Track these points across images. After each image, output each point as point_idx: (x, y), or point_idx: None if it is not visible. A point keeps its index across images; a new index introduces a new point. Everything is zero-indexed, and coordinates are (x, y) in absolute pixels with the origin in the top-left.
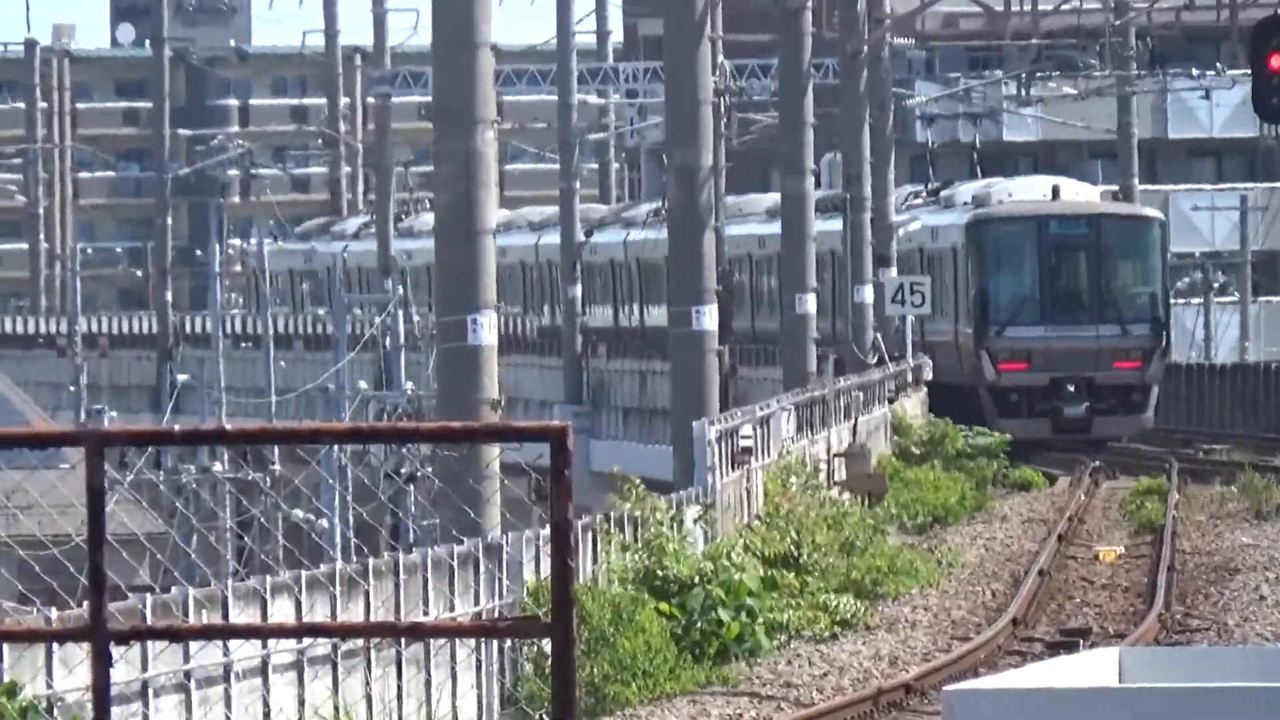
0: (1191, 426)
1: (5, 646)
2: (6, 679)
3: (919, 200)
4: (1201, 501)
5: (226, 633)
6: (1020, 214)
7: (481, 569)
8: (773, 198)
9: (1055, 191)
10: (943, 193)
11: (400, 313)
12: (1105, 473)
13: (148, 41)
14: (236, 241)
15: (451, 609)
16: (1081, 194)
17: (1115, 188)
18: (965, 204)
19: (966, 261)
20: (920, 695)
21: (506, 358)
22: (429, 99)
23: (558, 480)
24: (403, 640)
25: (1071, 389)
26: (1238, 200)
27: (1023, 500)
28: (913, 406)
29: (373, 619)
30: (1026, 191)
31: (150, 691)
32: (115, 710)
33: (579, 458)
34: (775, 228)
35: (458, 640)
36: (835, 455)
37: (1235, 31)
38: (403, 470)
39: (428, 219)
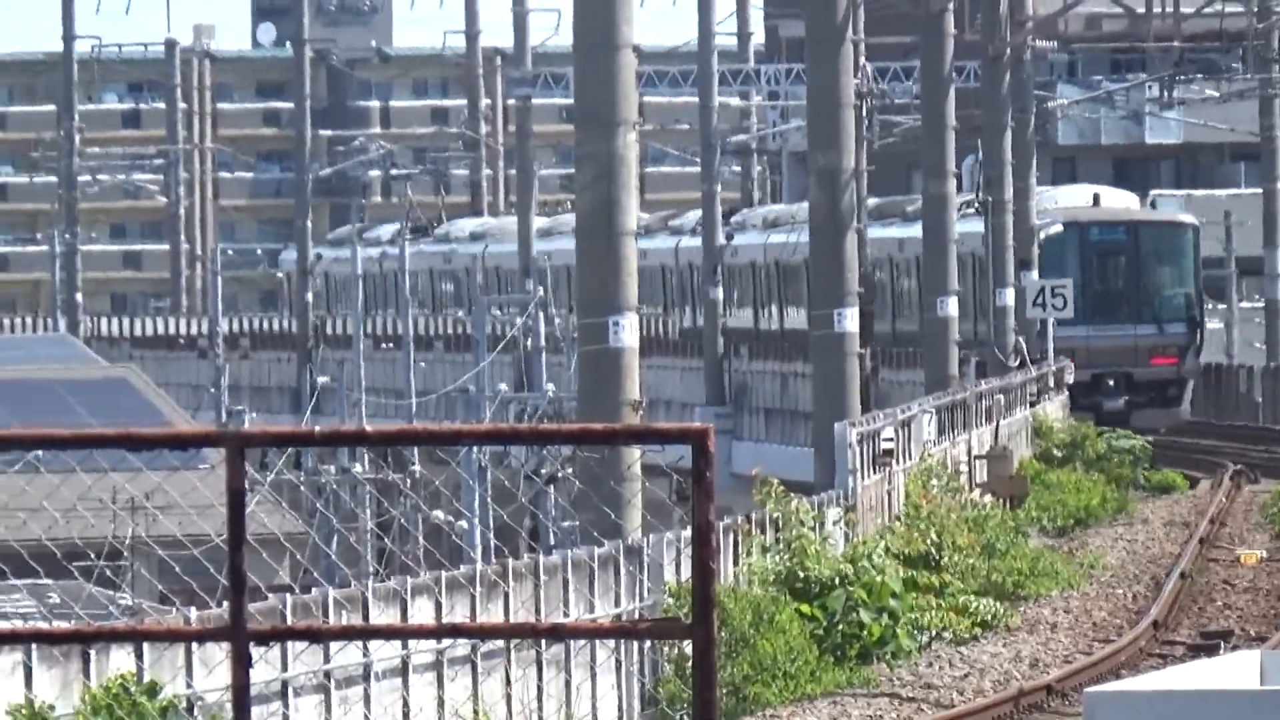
0: None
1: (146, 646)
2: (147, 679)
3: (971, 210)
4: None
5: (366, 633)
6: (1064, 221)
7: (622, 571)
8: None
9: (1096, 199)
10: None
11: (541, 314)
12: (1246, 476)
13: (288, 42)
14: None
15: (592, 610)
16: (1120, 201)
17: (1161, 193)
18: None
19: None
20: (1061, 697)
21: (648, 359)
22: (570, 101)
23: (699, 482)
24: (543, 641)
25: (1111, 384)
26: None
27: (1164, 503)
28: (1054, 409)
29: (512, 620)
30: (1070, 199)
31: (290, 692)
32: (255, 710)
33: (720, 459)
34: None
35: (598, 641)
36: (976, 458)
37: None
38: (543, 472)
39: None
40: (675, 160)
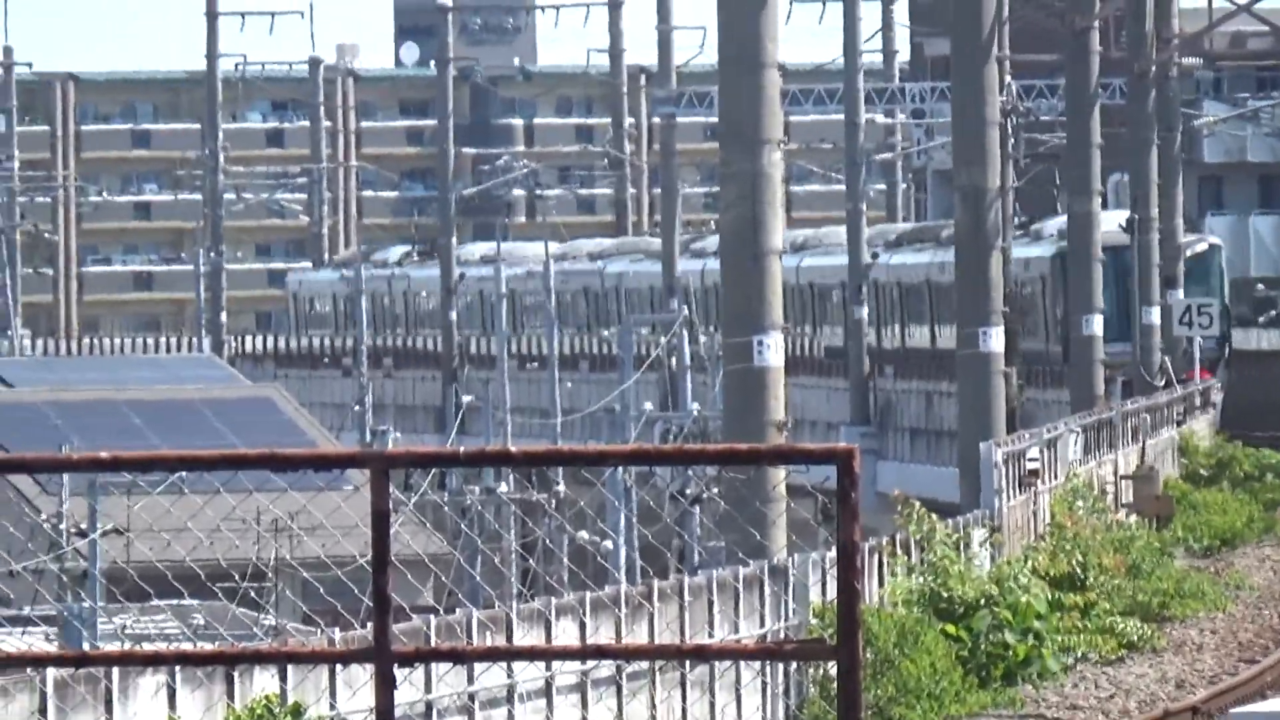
0: None
1: (290, 668)
2: (291, 700)
3: (1017, 234)
4: None
5: (511, 654)
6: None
7: (767, 591)
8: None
9: (1124, 226)
10: (1032, 226)
11: (686, 333)
12: None
13: (432, 61)
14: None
15: (736, 631)
16: None
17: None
18: (1051, 236)
19: (1054, 288)
20: (1207, 718)
21: (793, 378)
22: (715, 119)
23: (844, 502)
24: (687, 662)
25: None
26: None
27: None
28: (1201, 428)
29: (657, 641)
30: (1103, 225)
31: (434, 713)
32: None
33: (865, 479)
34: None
35: (743, 662)
36: (1122, 478)
37: None
38: (688, 492)
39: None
40: (820, 178)
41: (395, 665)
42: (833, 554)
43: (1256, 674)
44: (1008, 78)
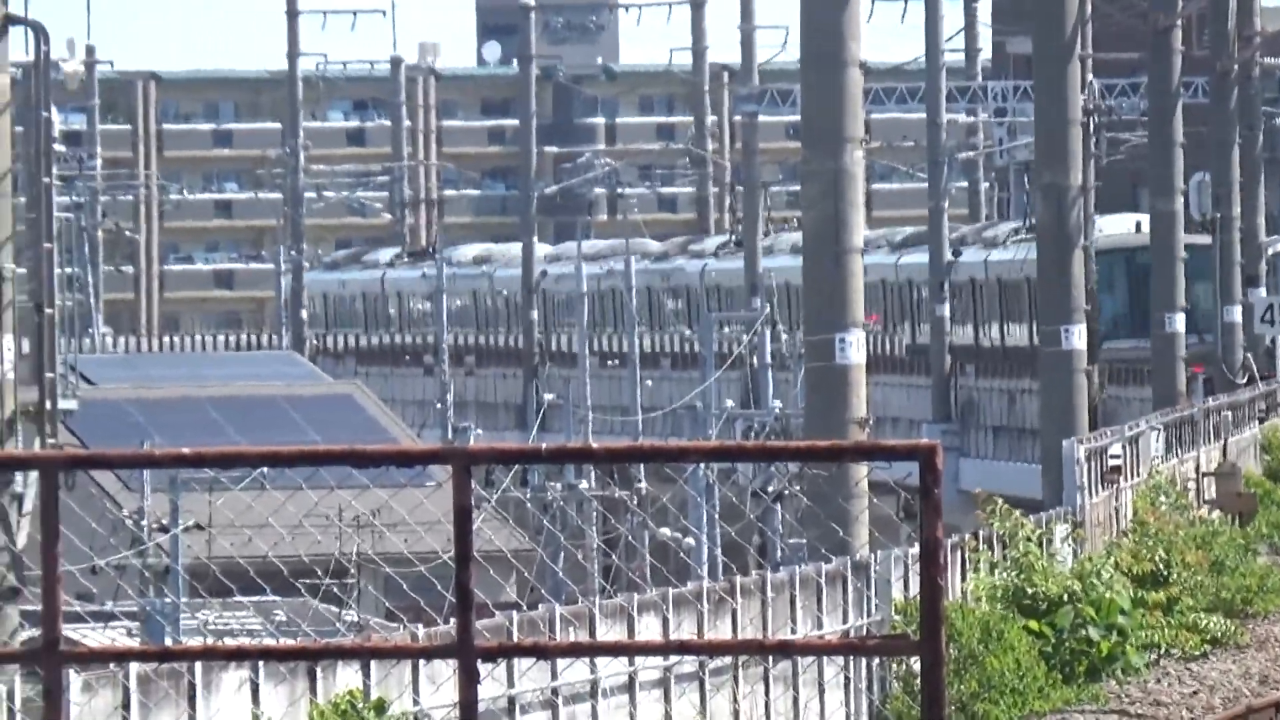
0: None
1: (373, 664)
2: (374, 696)
3: (1019, 236)
4: None
5: (593, 650)
6: (1113, 246)
7: (849, 587)
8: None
9: (1138, 226)
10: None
11: (767, 331)
12: None
13: (514, 59)
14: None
15: (819, 627)
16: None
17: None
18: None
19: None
20: None
21: (874, 376)
22: (797, 117)
23: (927, 498)
24: (770, 658)
25: None
26: None
27: None
28: None
29: (739, 636)
30: (1115, 226)
31: (517, 708)
32: None
33: (948, 476)
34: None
35: (826, 658)
36: (1205, 474)
37: None
38: (770, 488)
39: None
40: (902, 177)
41: (478, 661)
42: (915, 550)
43: None
44: (1090, 76)
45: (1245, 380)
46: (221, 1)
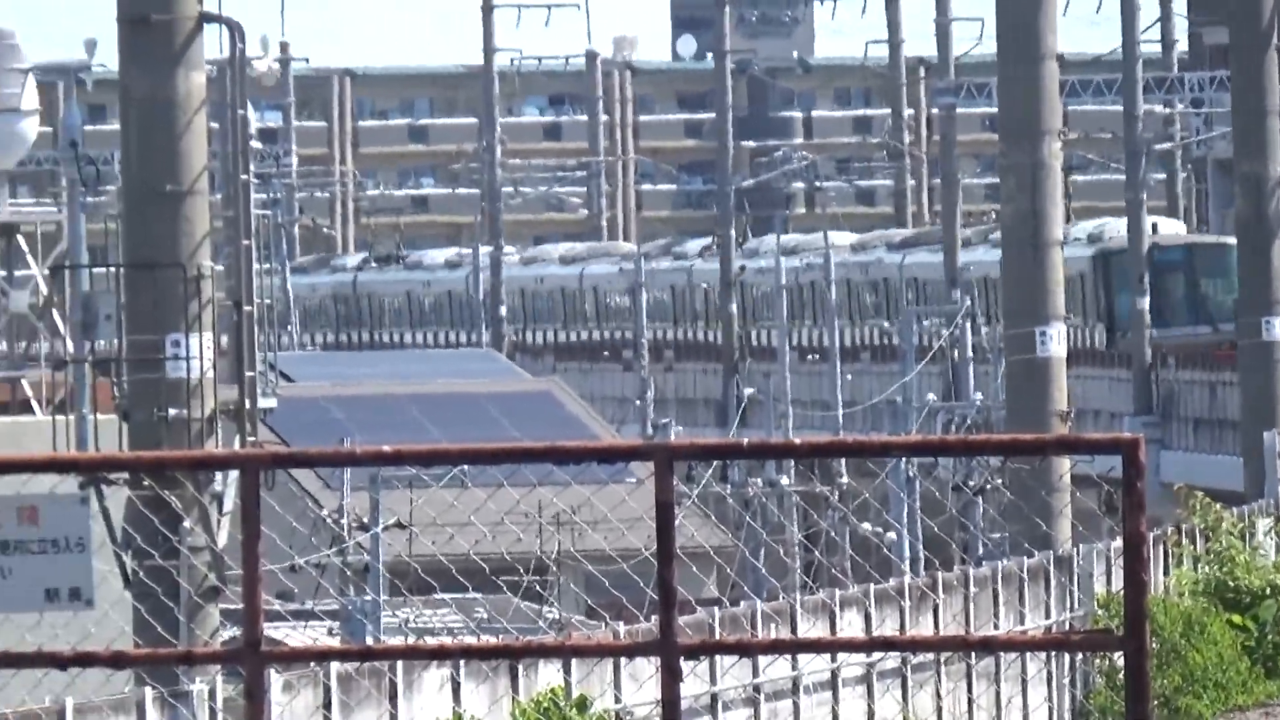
0: None
1: (574, 661)
2: (576, 693)
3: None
4: None
5: (795, 647)
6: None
7: (1052, 581)
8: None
9: (1154, 227)
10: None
11: (968, 324)
12: None
13: (709, 53)
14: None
15: (1022, 622)
16: (1172, 228)
17: None
18: (1078, 240)
19: (1095, 285)
20: None
21: (1074, 369)
22: (994, 110)
23: (1130, 492)
24: (973, 654)
25: None
26: None
27: None
28: None
29: (942, 632)
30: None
31: (719, 705)
32: None
33: (1149, 469)
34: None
35: (1028, 653)
36: None
37: None
38: (972, 482)
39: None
40: (1098, 169)
41: (681, 658)
42: (1118, 544)
43: None
44: None
45: None
46: None
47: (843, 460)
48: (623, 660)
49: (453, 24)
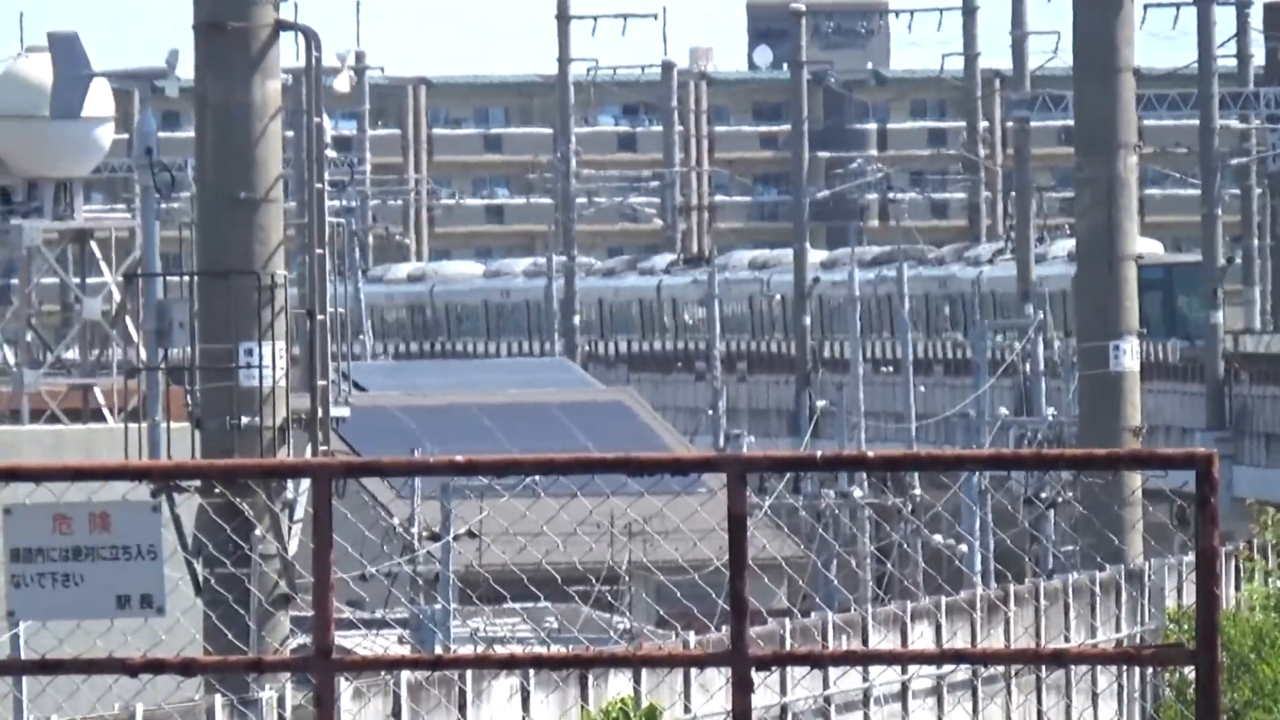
0: None
1: (645, 671)
2: (645, 703)
3: (1008, 257)
4: None
5: (867, 658)
6: None
7: (1123, 595)
8: None
9: None
10: (1036, 249)
11: (1040, 338)
12: None
13: (785, 64)
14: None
15: (1093, 635)
16: (1149, 247)
17: None
18: (1057, 257)
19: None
20: None
21: (1146, 384)
22: (1069, 122)
23: (1203, 507)
24: (1044, 667)
25: None
26: None
27: None
28: None
29: (1013, 645)
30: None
31: (790, 716)
32: None
33: (1222, 484)
34: None
35: (1099, 667)
36: None
37: None
38: (1044, 495)
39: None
40: (1174, 183)
41: (752, 669)
42: (1189, 559)
43: None
44: None
45: None
46: (491, 7)
47: (915, 472)
48: (693, 671)
49: (528, 33)
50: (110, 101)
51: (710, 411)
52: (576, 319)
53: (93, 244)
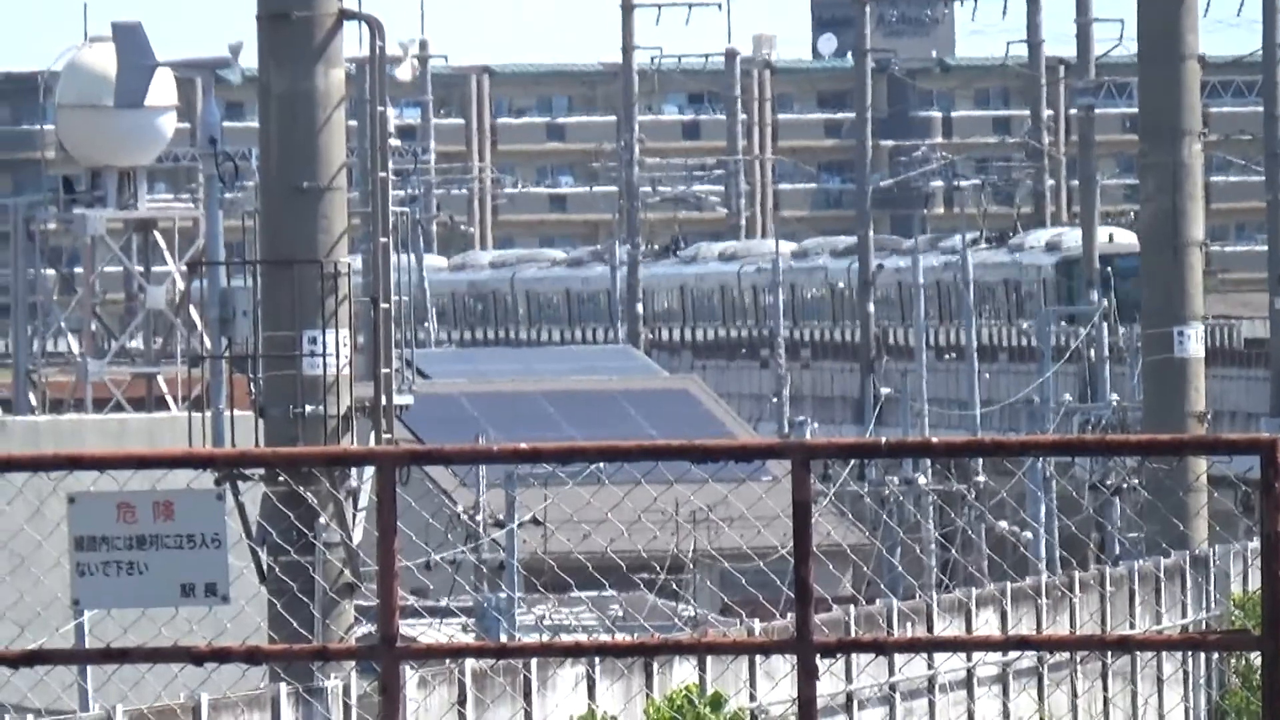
0: None
1: (710, 659)
2: (710, 691)
3: (984, 247)
4: None
5: (932, 645)
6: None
7: (1189, 581)
8: None
9: (1110, 237)
10: (1011, 240)
11: (1105, 325)
12: None
13: (849, 53)
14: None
15: (1158, 621)
16: (1126, 237)
17: None
18: (1034, 247)
19: (1056, 289)
20: None
21: (1211, 369)
22: (1134, 110)
23: (1268, 493)
24: (1109, 654)
25: None
26: None
27: None
28: None
29: (1078, 632)
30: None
31: (855, 704)
32: None
33: None
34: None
35: (1164, 653)
36: None
37: None
38: (1108, 482)
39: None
40: (1239, 170)
41: (817, 656)
42: (1255, 545)
43: None
44: None
45: None
46: None
47: (980, 459)
48: (758, 658)
49: (592, 22)
50: (173, 91)
51: (775, 398)
52: (639, 306)
53: (156, 233)
